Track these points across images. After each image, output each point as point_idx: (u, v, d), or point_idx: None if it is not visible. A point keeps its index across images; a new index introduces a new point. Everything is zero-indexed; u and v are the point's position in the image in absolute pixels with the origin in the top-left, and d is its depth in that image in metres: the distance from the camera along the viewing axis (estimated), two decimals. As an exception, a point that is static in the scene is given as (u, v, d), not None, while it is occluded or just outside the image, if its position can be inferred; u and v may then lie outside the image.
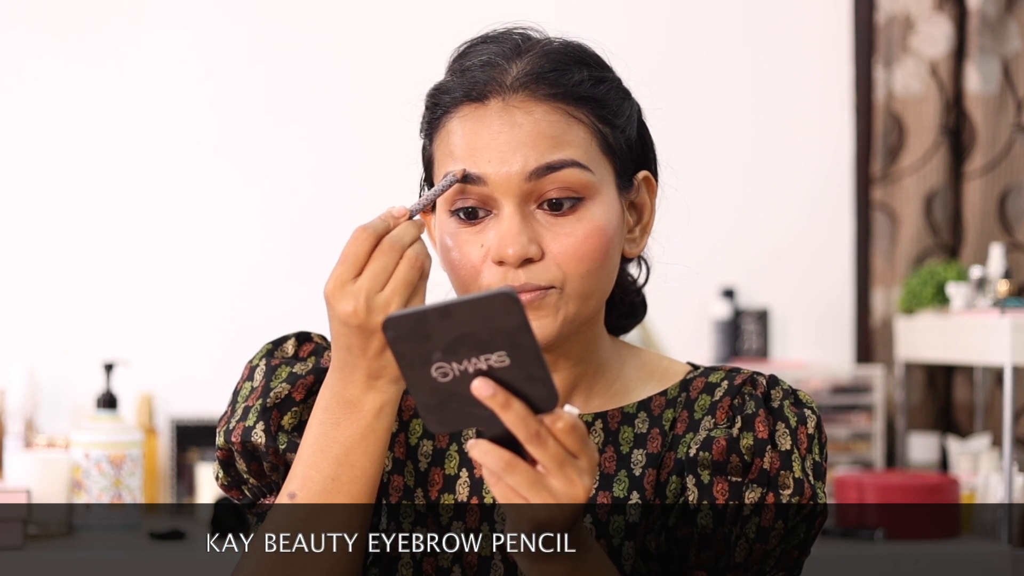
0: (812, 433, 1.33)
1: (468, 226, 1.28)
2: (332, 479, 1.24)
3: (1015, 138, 3.18)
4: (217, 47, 3.16)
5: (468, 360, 1.08)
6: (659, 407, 1.35)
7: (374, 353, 1.21)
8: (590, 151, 1.28)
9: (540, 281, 1.26)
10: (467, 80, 1.29)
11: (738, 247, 3.24)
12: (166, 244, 3.13)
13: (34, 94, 3.12)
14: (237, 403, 1.35)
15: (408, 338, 1.08)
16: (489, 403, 1.08)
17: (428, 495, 1.33)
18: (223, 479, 1.36)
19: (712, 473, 1.30)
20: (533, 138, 1.26)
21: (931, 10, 3.18)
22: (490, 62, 1.29)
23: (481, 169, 1.26)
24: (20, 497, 2.49)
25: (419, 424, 1.36)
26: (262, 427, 1.32)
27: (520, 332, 1.07)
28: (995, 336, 2.72)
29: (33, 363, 2.99)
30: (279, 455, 1.31)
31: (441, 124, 1.30)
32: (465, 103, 1.28)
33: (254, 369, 1.36)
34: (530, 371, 1.08)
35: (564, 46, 1.32)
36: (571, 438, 1.10)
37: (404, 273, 1.20)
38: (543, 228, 1.27)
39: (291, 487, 1.25)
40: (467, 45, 1.34)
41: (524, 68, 1.28)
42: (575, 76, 1.29)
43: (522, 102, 1.27)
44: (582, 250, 1.27)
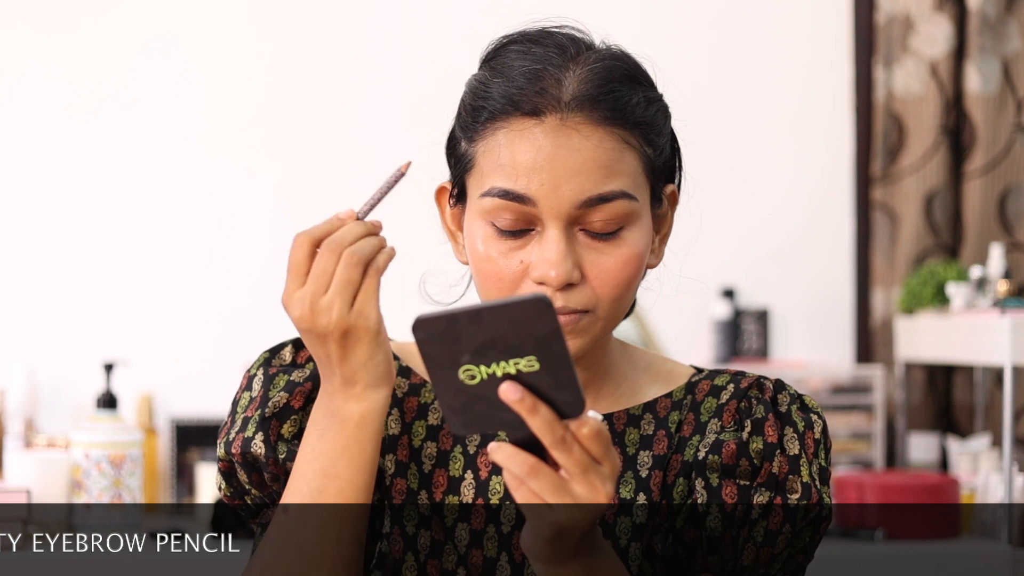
0: (819, 438, 1.33)
1: (507, 238, 1.27)
2: (319, 491, 1.24)
3: (1015, 138, 3.18)
4: (217, 46, 3.16)
5: (496, 363, 1.08)
6: (665, 409, 1.35)
7: (338, 358, 1.21)
8: (637, 179, 1.28)
9: (577, 305, 1.26)
10: (516, 88, 1.26)
11: (738, 247, 3.24)
12: (166, 244, 3.13)
13: (33, 95, 3.12)
14: (236, 413, 1.35)
15: (437, 340, 1.08)
16: (516, 407, 1.08)
17: (432, 497, 1.33)
18: (226, 490, 1.35)
19: (721, 476, 1.30)
20: (589, 166, 1.25)
21: (931, 10, 3.18)
22: (541, 72, 1.27)
23: (533, 191, 1.25)
24: (20, 497, 2.48)
25: (422, 426, 1.35)
26: (261, 438, 1.32)
27: (552, 338, 1.07)
28: (995, 336, 2.72)
29: (33, 363, 2.99)
30: (279, 465, 1.31)
31: (489, 131, 1.27)
32: (518, 116, 1.26)
33: (252, 379, 1.36)
34: (559, 377, 1.08)
35: (616, 60, 1.30)
36: (595, 444, 1.10)
37: (341, 273, 1.19)
38: (584, 251, 1.27)
39: (285, 500, 1.26)
40: (505, 41, 1.32)
41: (580, 85, 1.26)
42: (631, 98, 1.28)
43: (579, 124, 1.25)
44: (620, 276, 1.27)
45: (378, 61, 3.17)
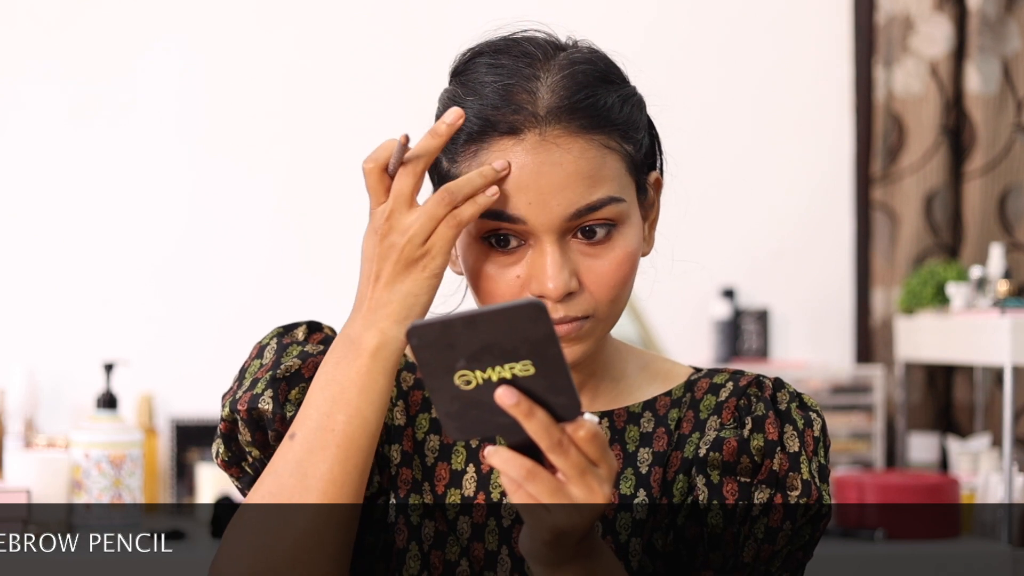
0: (818, 436, 1.33)
1: (501, 254, 1.27)
2: (327, 416, 1.24)
3: (1015, 138, 3.18)
4: (217, 46, 3.16)
5: (492, 368, 1.08)
6: (664, 407, 1.36)
7: (387, 280, 1.24)
8: (622, 179, 1.28)
9: (577, 312, 1.27)
10: (491, 107, 1.26)
11: (738, 247, 3.24)
12: (167, 244, 3.13)
13: (32, 94, 3.11)
14: (245, 378, 1.35)
15: (432, 346, 1.08)
16: (512, 411, 1.08)
17: (435, 489, 1.33)
18: (223, 455, 1.35)
19: (722, 473, 1.31)
20: (574, 179, 1.25)
21: (931, 10, 3.18)
22: (512, 88, 1.26)
23: (521, 211, 1.25)
24: (20, 497, 2.49)
25: (425, 419, 1.36)
26: (270, 394, 1.31)
27: (547, 342, 1.07)
28: (995, 336, 2.72)
29: (33, 363, 2.99)
30: (285, 423, 1.31)
31: (470, 152, 1.27)
32: (495, 136, 1.26)
33: (264, 348, 1.36)
34: (554, 381, 1.08)
35: (586, 62, 1.29)
36: (592, 446, 1.10)
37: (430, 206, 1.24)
38: (578, 258, 1.27)
39: (292, 429, 1.26)
40: (471, 53, 1.32)
41: (554, 95, 1.26)
42: (606, 101, 1.27)
43: (559, 137, 1.25)
44: (615, 278, 1.28)
45: (378, 61, 3.17)
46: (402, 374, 1.38)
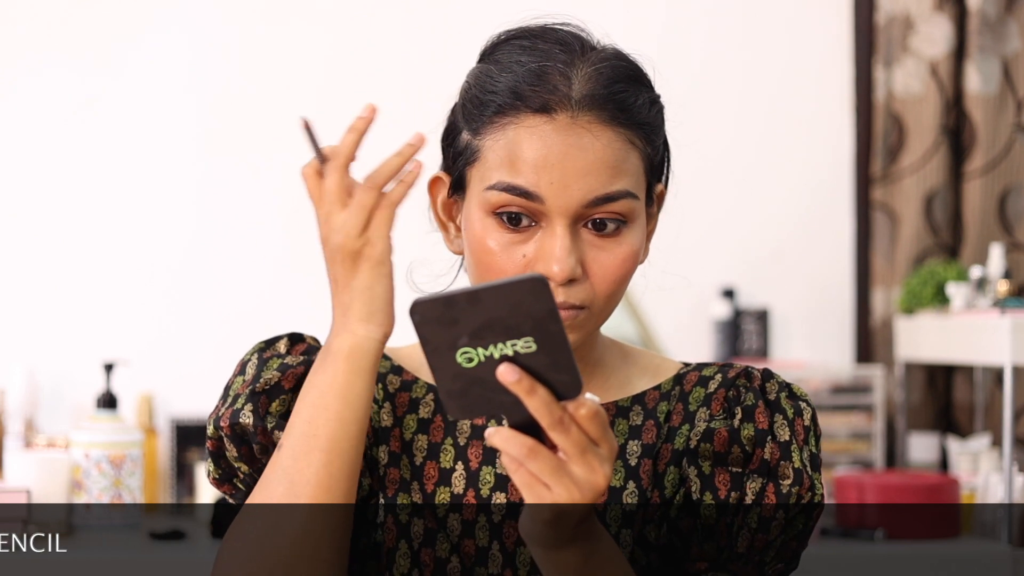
0: (808, 425, 1.34)
1: (510, 231, 1.28)
2: (309, 423, 1.24)
3: (1015, 138, 3.18)
4: (217, 46, 3.16)
5: (494, 345, 1.08)
6: (653, 400, 1.36)
7: (342, 282, 1.25)
8: (639, 178, 1.30)
9: (576, 300, 1.28)
10: (525, 83, 1.28)
11: (738, 247, 3.24)
12: (167, 244, 3.13)
13: (32, 94, 3.11)
14: (228, 395, 1.36)
15: (435, 323, 1.08)
16: (514, 388, 1.08)
17: (424, 488, 1.33)
18: (214, 472, 1.36)
19: (713, 464, 1.31)
20: (598, 166, 1.26)
21: (931, 10, 3.18)
22: (548, 68, 1.28)
23: (542, 189, 1.26)
24: (20, 497, 2.49)
25: (413, 420, 1.36)
26: (250, 408, 1.32)
27: (549, 318, 1.08)
28: (995, 336, 2.72)
29: (33, 363, 2.99)
30: (267, 434, 1.31)
31: (497, 125, 1.29)
32: (527, 111, 1.27)
33: (245, 364, 1.37)
34: (556, 358, 1.08)
35: (620, 59, 1.32)
36: (593, 425, 1.11)
37: (357, 196, 1.25)
38: (586, 248, 1.28)
39: (280, 440, 1.27)
40: (507, 36, 1.34)
41: (588, 83, 1.28)
42: (637, 99, 1.30)
43: (590, 123, 1.27)
44: (617, 274, 1.29)
45: (378, 61, 3.17)
46: (388, 377, 1.38)
